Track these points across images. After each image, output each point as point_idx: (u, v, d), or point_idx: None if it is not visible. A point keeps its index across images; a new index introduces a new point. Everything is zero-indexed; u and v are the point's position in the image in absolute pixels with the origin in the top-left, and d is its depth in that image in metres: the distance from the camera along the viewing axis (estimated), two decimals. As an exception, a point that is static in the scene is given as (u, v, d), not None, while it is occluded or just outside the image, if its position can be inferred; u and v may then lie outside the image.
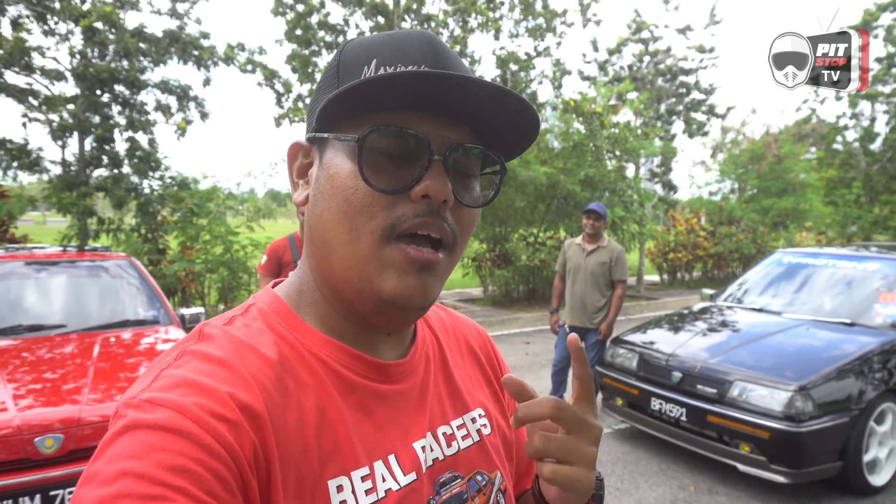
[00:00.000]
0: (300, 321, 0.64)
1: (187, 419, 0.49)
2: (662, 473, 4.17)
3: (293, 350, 0.61)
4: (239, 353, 0.57)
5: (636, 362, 4.61)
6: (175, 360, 0.56)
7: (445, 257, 0.62)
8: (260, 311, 0.64)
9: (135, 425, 0.48)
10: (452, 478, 0.67)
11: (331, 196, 0.60)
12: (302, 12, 10.14)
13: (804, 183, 16.63)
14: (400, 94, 0.56)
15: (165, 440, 0.47)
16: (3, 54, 7.16)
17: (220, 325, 0.61)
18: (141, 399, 0.51)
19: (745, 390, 3.81)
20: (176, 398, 0.50)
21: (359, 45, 0.63)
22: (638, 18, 14.44)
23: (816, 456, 3.60)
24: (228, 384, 0.53)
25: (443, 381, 0.74)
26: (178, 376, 0.53)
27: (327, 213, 0.61)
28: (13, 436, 2.61)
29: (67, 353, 3.46)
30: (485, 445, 0.73)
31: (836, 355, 3.95)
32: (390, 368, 0.66)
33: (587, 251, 5.09)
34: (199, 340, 0.59)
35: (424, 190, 0.57)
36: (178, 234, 8.73)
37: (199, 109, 8.82)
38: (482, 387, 0.80)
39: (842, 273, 4.96)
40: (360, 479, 0.58)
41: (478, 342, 0.85)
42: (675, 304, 12.31)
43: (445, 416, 0.71)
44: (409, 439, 0.65)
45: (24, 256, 4.42)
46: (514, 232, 12.21)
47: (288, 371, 0.59)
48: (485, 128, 0.62)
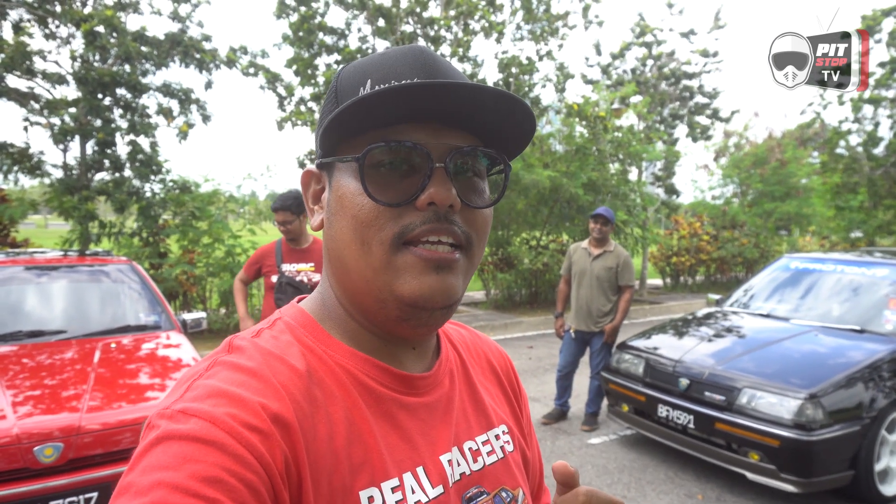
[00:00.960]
0: (326, 334, 0.65)
1: (220, 430, 0.49)
2: (670, 481, 4.12)
3: (321, 362, 0.62)
4: (269, 363, 0.58)
5: (642, 368, 4.56)
6: (206, 371, 0.57)
7: (463, 256, 0.63)
8: (287, 325, 0.66)
9: (168, 436, 0.49)
10: (479, 493, 0.68)
11: (341, 216, 0.63)
12: (305, 15, 10.12)
13: (807, 187, 16.59)
14: (392, 108, 0.57)
15: (199, 451, 0.48)
16: (4, 58, 7.14)
17: (248, 337, 0.63)
18: (174, 410, 0.51)
19: (753, 398, 3.75)
20: (208, 408, 0.51)
21: (353, 68, 0.65)
22: (641, 22, 14.41)
23: (827, 465, 3.55)
24: (259, 394, 0.54)
25: (467, 396, 0.74)
26: (209, 387, 0.54)
27: (339, 232, 0.63)
28: (12, 445, 2.57)
29: (67, 359, 3.41)
30: (508, 462, 0.74)
31: (846, 362, 3.90)
32: (416, 381, 0.67)
33: (593, 255, 5.06)
34: (229, 352, 0.60)
35: (429, 198, 0.59)
36: (180, 237, 8.70)
37: (200, 112, 8.80)
38: (503, 405, 0.81)
39: (850, 279, 4.91)
40: (390, 490, 0.59)
41: (499, 362, 0.86)
42: (678, 308, 12.26)
43: (471, 431, 0.72)
44: (437, 452, 0.65)
45: (24, 261, 4.38)
46: (517, 235, 12.17)
47: (316, 382, 0.60)
48: (485, 130, 0.63)
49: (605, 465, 4.38)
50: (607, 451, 4.65)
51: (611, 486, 4.04)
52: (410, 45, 0.65)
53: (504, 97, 0.58)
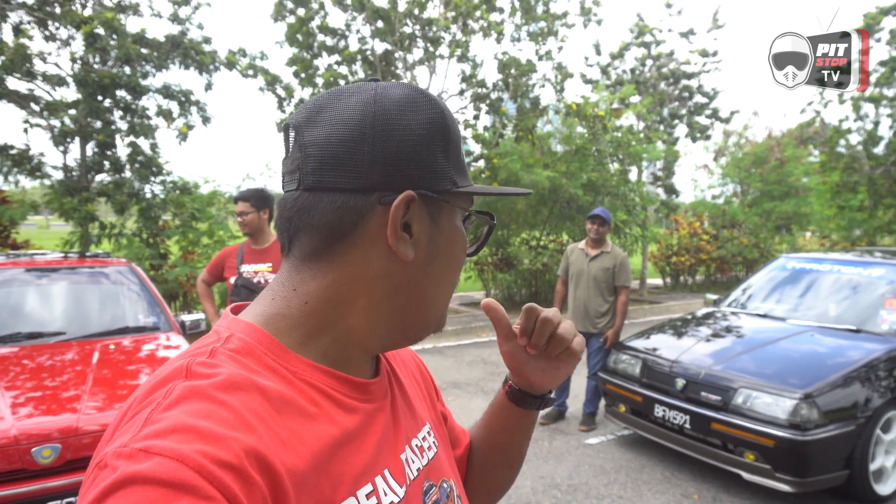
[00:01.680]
0: (285, 350, 0.62)
1: (189, 469, 0.44)
2: (666, 481, 4.13)
3: (284, 380, 0.59)
4: (236, 389, 0.53)
5: (639, 368, 4.57)
6: (164, 399, 0.51)
7: None
8: (242, 343, 0.61)
9: (130, 479, 0.43)
10: (430, 486, 0.72)
11: (450, 258, 0.69)
12: (303, 17, 10.14)
13: (806, 186, 16.58)
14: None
15: (166, 496, 0.42)
16: (4, 60, 7.16)
17: (205, 359, 0.57)
18: (134, 448, 0.45)
19: (749, 398, 3.77)
20: (174, 445, 0.45)
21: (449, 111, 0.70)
22: (640, 22, 14.41)
23: (822, 464, 3.56)
24: (231, 427, 0.49)
25: (402, 397, 0.77)
26: (173, 419, 0.48)
27: (441, 272, 0.68)
28: (10, 446, 2.59)
29: (66, 360, 3.44)
30: (440, 455, 0.78)
31: (842, 362, 3.91)
32: (371, 386, 0.68)
33: (590, 256, 5.07)
34: (188, 378, 0.54)
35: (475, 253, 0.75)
36: (180, 238, 8.72)
37: (200, 114, 8.82)
38: (423, 399, 0.85)
39: (847, 279, 4.92)
40: (365, 496, 0.59)
41: (408, 355, 0.92)
42: (677, 307, 12.26)
43: (413, 429, 0.75)
44: (396, 452, 0.67)
45: (24, 263, 4.40)
46: (516, 235, 12.18)
47: (287, 402, 0.57)
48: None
49: (602, 465, 4.40)
50: (604, 452, 4.66)
51: (608, 485, 4.06)
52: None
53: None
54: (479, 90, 10.74)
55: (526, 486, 4.00)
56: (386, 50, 10.61)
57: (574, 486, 4.06)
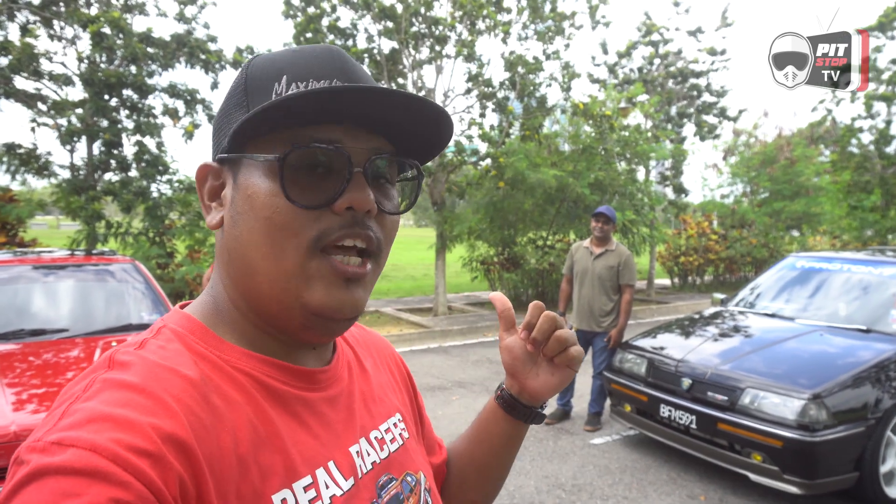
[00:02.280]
0: (219, 339, 0.61)
1: (102, 457, 0.43)
2: (672, 482, 4.08)
3: (216, 368, 0.58)
4: (158, 377, 0.53)
5: (645, 368, 4.53)
6: (84, 392, 0.50)
7: (372, 266, 0.63)
8: (174, 332, 0.60)
9: (41, 471, 0.42)
10: (388, 480, 0.70)
11: (251, 216, 0.59)
12: (312, 15, 10.14)
13: (816, 186, 16.43)
14: (317, 109, 0.56)
15: (79, 484, 0.41)
16: (12, 60, 7.21)
17: (132, 350, 0.56)
18: (47, 441, 0.45)
19: (756, 398, 3.71)
20: (88, 435, 0.44)
21: (265, 61, 0.62)
22: (648, 21, 14.33)
23: (831, 466, 3.50)
24: (149, 413, 0.48)
25: (365, 388, 0.76)
26: (89, 410, 0.47)
27: (247, 234, 0.59)
28: (10, 442, 2.58)
29: (69, 357, 3.43)
30: (407, 448, 0.77)
31: (852, 362, 3.85)
32: (316, 375, 0.66)
33: (595, 254, 5.03)
34: (109, 368, 0.54)
35: (348, 202, 0.58)
36: (186, 237, 8.75)
37: (206, 113, 8.84)
38: (395, 392, 0.84)
39: (857, 278, 4.85)
40: (302, 489, 0.58)
41: (386, 351, 0.90)
42: (685, 308, 12.18)
43: (374, 420, 0.73)
44: (345, 444, 0.65)
45: (29, 260, 4.41)
46: (523, 235, 12.13)
47: (213, 389, 0.56)
48: (399, 135, 0.63)
49: (607, 465, 4.35)
50: (610, 452, 4.62)
51: (612, 486, 4.02)
52: (324, 44, 0.64)
53: (427, 105, 0.59)
54: (485, 89, 10.69)
55: (530, 486, 3.97)
56: (393, 49, 10.60)
57: (578, 486, 4.02)
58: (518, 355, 0.82)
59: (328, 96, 0.55)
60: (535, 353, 0.81)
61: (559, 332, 0.78)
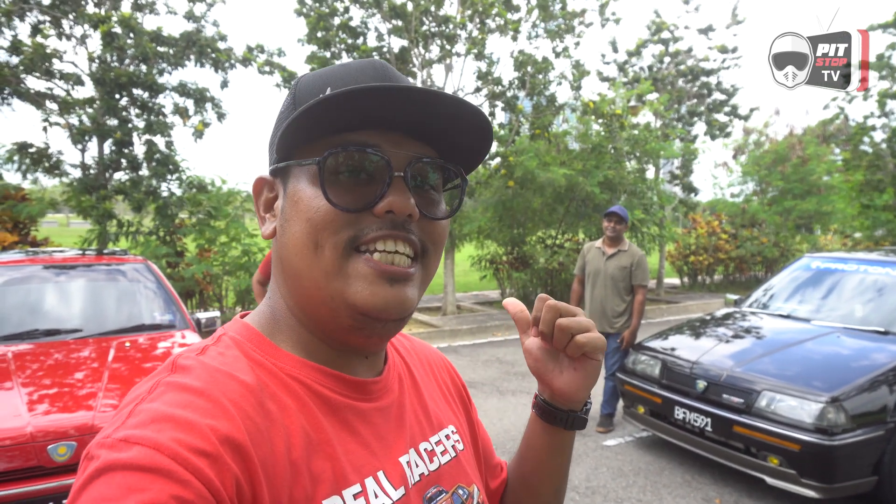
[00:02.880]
0: (275, 347, 0.64)
1: (164, 456, 0.47)
2: (686, 485, 4.05)
3: (271, 375, 0.60)
4: (217, 381, 0.56)
5: (659, 369, 4.49)
6: (148, 394, 0.54)
7: (419, 269, 0.63)
8: (233, 340, 0.63)
9: (110, 466, 0.46)
10: (438, 492, 0.69)
11: (295, 220, 0.61)
12: (323, 14, 10.13)
13: (828, 185, 16.27)
14: (354, 112, 0.57)
15: (144, 480, 0.45)
16: (23, 59, 7.24)
17: (193, 355, 0.60)
18: (115, 438, 0.49)
19: (773, 400, 3.67)
20: (151, 434, 0.48)
21: (312, 77, 0.65)
22: (658, 19, 14.23)
23: (849, 470, 3.46)
24: (208, 416, 0.51)
25: (416, 400, 0.76)
26: (153, 411, 0.51)
27: (292, 239, 0.61)
28: (26, 443, 2.58)
29: (82, 358, 3.44)
30: (461, 461, 0.76)
31: (870, 365, 3.80)
32: (368, 386, 0.67)
33: (607, 255, 4.99)
34: (172, 372, 0.57)
35: (388, 206, 0.59)
36: (196, 236, 8.77)
37: (216, 111, 8.85)
38: (449, 405, 0.83)
39: (873, 279, 4.79)
40: (352, 497, 0.59)
41: (440, 365, 0.89)
42: (695, 307, 12.11)
43: (424, 433, 0.73)
44: (395, 455, 0.66)
45: (41, 260, 4.43)
46: (532, 234, 12.09)
47: (269, 396, 0.58)
48: (442, 142, 0.63)
49: (620, 467, 4.32)
50: (623, 454, 4.58)
51: (626, 488, 3.99)
52: (369, 59, 0.66)
53: (469, 111, 0.59)
54: (495, 88, 10.66)
55: (543, 489, 3.94)
56: (402, 47, 10.58)
57: (592, 488, 3.99)
58: (538, 356, 0.77)
59: (360, 96, 0.55)
60: (552, 349, 0.76)
61: (561, 320, 0.72)
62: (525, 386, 6.35)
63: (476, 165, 0.69)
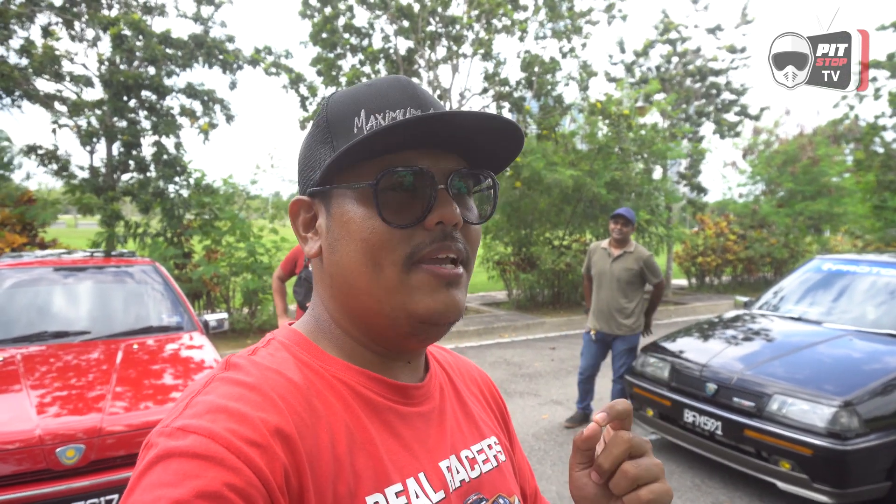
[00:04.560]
0: (322, 351, 0.67)
1: (219, 445, 0.50)
2: (696, 489, 4.01)
3: (318, 376, 0.64)
4: (267, 378, 0.59)
5: (668, 372, 4.45)
6: (204, 388, 0.58)
7: (464, 271, 0.67)
8: (282, 343, 0.67)
9: (168, 454, 0.50)
10: (479, 500, 0.70)
11: (348, 240, 0.64)
12: (328, 15, 10.15)
13: (839, 186, 16.12)
14: (401, 138, 0.61)
15: (199, 467, 0.48)
16: (32, 62, 7.28)
17: (245, 356, 0.64)
18: (173, 427, 0.52)
19: (784, 404, 3.63)
20: (207, 424, 0.52)
21: (342, 98, 0.68)
22: (666, 19, 14.16)
23: (863, 475, 3.41)
24: (259, 408, 0.55)
25: (458, 408, 0.77)
26: (208, 402, 0.55)
27: (346, 257, 0.64)
28: (35, 446, 2.58)
29: (91, 360, 3.44)
30: (502, 470, 0.76)
31: (883, 368, 3.75)
32: (410, 390, 0.70)
33: (613, 256, 4.96)
34: (226, 369, 0.61)
35: (438, 217, 0.63)
36: (202, 237, 8.79)
37: (224, 112, 8.87)
38: (490, 418, 0.84)
39: (886, 281, 4.73)
40: (394, 495, 0.60)
41: (481, 379, 0.90)
42: (703, 308, 12.04)
43: (465, 440, 0.74)
44: (436, 459, 0.67)
45: (50, 262, 4.44)
46: (540, 235, 12.06)
47: (315, 394, 0.61)
48: (473, 151, 0.67)
49: (629, 470, 4.29)
50: (632, 457, 4.55)
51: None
52: (393, 75, 0.70)
53: (500, 122, 0.63)
54: (501, 88, 10.64)
55: (552, 492, 3.92)
56: (409, 48, 10.58)
57: (601, 492, 3.96)
58: (587, 494, 0.67)
59: (409, 126, 0.59)
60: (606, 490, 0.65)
61: (628, 465, 0.61)
62: (532, 388, 6.32)
63: (506, 166, 0.72)
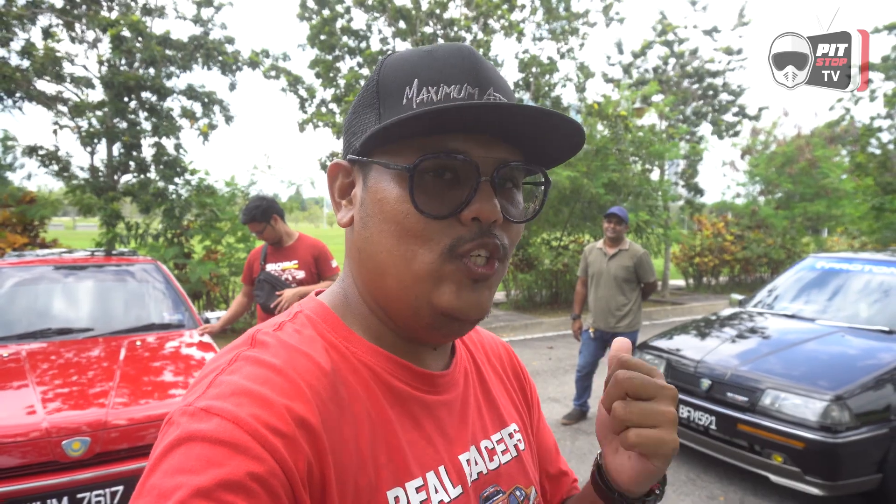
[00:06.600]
0: (348, 329, 0.64)
1: (243, 431, 0.48)
2: (691, 483, 4.07)
3: (343, 358, 0.61)
4: (294, 360, 0.57)
5: (663, 368, 4.51)
6: (228, 366, 0.56)
7: (498, 267, 0.62)
8: (308, 318, 0.64)
9: (191, 437, 0.48)
10: (495, 492, 0.68)
11: (380, 219, 0.60)
12: (326, 17, 10.20)
13: (835, 187, 16.18)
14: (449, 121, 0.56)
15: (222, 454, 0.47)
16: (34, 63, 7.33)
17: (271, 331, 0.61)
18: (197, 407, 0.50)
19: (777, 399, 3.69)
20: (232, 408, 0.50)
21: (398, 62, 0.62)
22: (663, 20, 14.25)
23: (854, 468, 3.47)
24: (285, 395, 0.53)
25: (482, 395, 0.75)
26: (233, 384, 0.52)
27: (378, 236, 0.61)
28: (41, 438, 2.64)
29: (94, 356, 3.49)
30: (522, 461, 0.74)
31: (874, 364, 3.81)
32: (435, 378, 0.67)
33: (609, 255, 5.02)
34: (252, 346, 0.59)
35: (475, 213, 0.58)
36: (203, 237, 8.83)
37: (224, 114, 8.92)
38: (513, 400, 0.81)
39: (879, 279, 4.79)
40: (414, 489, 0.59)
41: (506, 357, 0.86)
42: (701, 309, 12.09)
43: (486, 430, 0.72)
44: (456, 451, 0.65)
45: (52, 261, 4.49)
46: (537, 236, 12.12)
47: (341, 380, 0.59)
48: (529, 146, 0.62)
49: (625, 466, 4.34)
50: (628, 452, 4.60)
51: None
52: (456, 45, 0.62)
53: (561, 120, 0.57)
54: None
55: (548, 487, 3.97)
56: (406, 50, 10.64)
57: (597, 486, 4.01)
58: (601, 421, 0.67)
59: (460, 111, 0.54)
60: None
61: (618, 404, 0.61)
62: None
63: (558, 164, 0.67)
